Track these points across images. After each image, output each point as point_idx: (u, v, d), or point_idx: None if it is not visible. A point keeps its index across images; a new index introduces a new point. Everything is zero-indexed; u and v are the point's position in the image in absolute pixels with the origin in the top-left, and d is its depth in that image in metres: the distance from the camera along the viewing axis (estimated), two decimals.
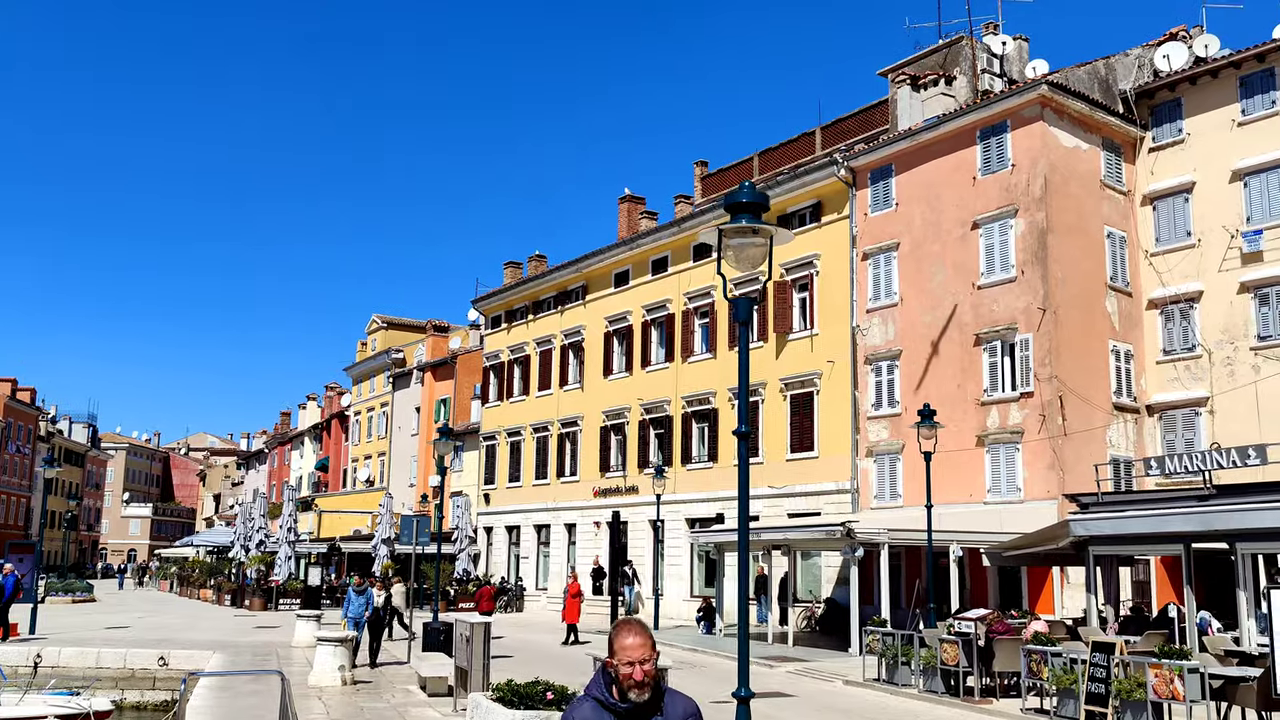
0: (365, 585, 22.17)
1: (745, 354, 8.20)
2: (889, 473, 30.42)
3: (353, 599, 21.63)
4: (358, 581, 22.55)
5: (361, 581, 22.56)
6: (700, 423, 37.48)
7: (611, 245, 42.55)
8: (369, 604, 21.54)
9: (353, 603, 21.56)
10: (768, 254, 8.11)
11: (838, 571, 31.92)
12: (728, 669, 21.78)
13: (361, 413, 70.72)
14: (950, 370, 28.92)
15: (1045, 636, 14.11)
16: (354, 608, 21.53)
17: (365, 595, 21.60)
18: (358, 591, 21.74)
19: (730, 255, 8.12)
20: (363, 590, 21.78)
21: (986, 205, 28.51)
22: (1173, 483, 26.33)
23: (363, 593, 21.68)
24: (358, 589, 21.83)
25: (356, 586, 22.07)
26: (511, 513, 47.51)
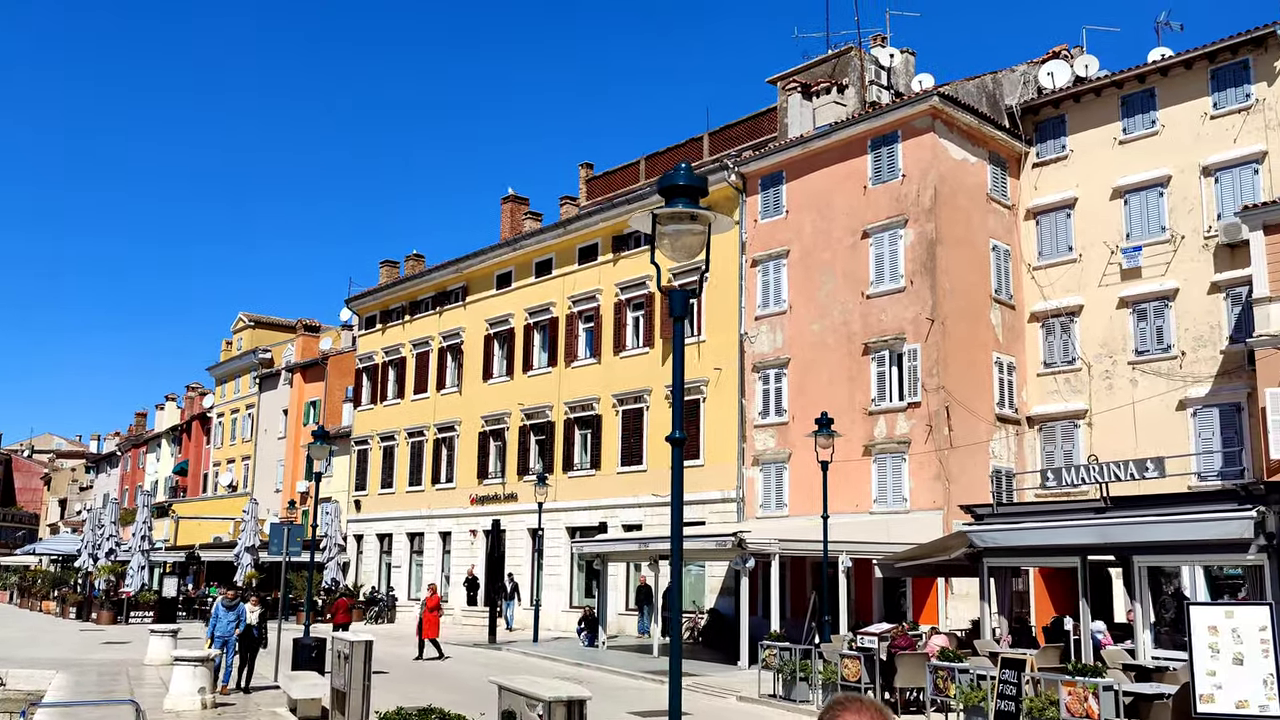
0: (237, 599, 19.67)
1: (680, 351, 7.44)
2: (775, 482, 30.13)
3: (221, 614, 19.11)
4: (229, 595, 19.81)
5: (234, 595, 19.86)
6: (583, 429, 36.68)
7: (494, 245, 41.46)
8: (240, 620, 19.18)
9: (221, 619, 19.08)
10: (706, 243, 7.35)
11: (721, 582, 31.51)
12: (615, 685, 21.03)
13: (225, 414, 67.74)
14: (838, 379, 28.79)
15: (951, 652, 13.76)
16: (222, 624, 19.07)
17: (237, 610, 19.20)
18: (227, 606, 19.23)
19: (665, 244, 7.33)
20: (234, 605, 19.32)
21: (877, 215, 28.50)
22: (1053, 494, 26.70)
23: (233, 607, 19.22)
24: (228, 603, 19.32)
25: (227, 600, 19.45)
26: (384, 520, 45.87)
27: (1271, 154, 25.20)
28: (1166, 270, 26.69)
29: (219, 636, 18.92)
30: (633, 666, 23.12)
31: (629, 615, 33.36)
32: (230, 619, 19.12)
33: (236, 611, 19.23)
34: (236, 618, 19.15)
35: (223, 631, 19.00)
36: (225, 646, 18.95)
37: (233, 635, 18.96)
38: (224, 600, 19.58)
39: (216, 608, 19.37)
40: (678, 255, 7.42)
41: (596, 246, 37.23)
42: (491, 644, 29.77)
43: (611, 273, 36.37)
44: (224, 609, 19.25)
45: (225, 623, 19.11)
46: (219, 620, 19.12)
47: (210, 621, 19.43)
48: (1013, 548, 17.05)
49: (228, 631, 19.01)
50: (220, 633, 18.97)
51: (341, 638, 14.89)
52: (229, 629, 19.04)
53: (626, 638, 31.88)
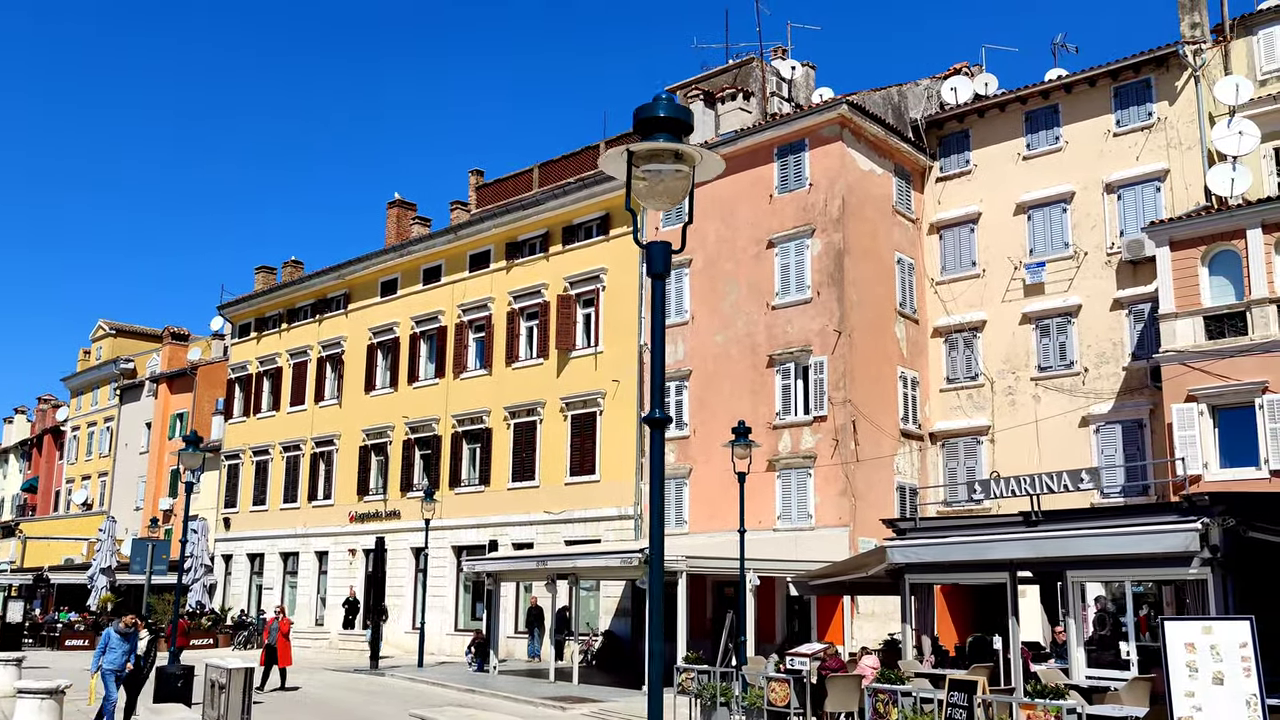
0: (134, 626, 16.87)
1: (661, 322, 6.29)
2: (674, 498, 29.10)
3: (113, 643, 16.35)
4: (128, 621, 16.83)
5: (132, 621, 16.97)
6: (472, 443, 35.11)
7: (379, 251, 39.62)
8: (132, 651, 16.60)
9: (114, 649, 16.36)
10: (690, 188, 6.23)
11: (617, 603, 30.31)
12: (514, 711, 19.62)
13: (81, 428, 63.73)
14: (742, 392, 27.97)
15: (893, 674, 12.86)
16: (115, 655, 16.35)
17: (131, 640, 16.55)
18: (122, 634, 16.47)
19: (642, 188, 6.21)
20: (131, 632, 16.61)
21: (783, 224, 27.85)
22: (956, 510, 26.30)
23: (130, 635, 16.54)
24: (124, 630, 16.53)
25: (123, 627, 16.61)
26: (255, 539, 43.31)
27: (1173, 172, 25.38)
28: (1069, 286, 26.65)
29: (109, 669, 16.23)
30: (529, 692, 21.72)
31: (518, 638, 31.87)
32: (125, 649, 16.47)
33: (132, 641, 16.61)
34: (130, 647, 16.55)
35: (114, 664, 16.31)
36: (118, 681, 16.41)
37: (124, 669, 16.42)
38: (119, 626, 16.72)
39: (107, 635, 16.53)
40: (657, 202, 6.31)
41: (489, 253, 35.81)
42: (374, 669, 27.93)
43: (504, 281, 34.98)
44: (118, 637, 16.46)
45: (119, 654, 16.40)
46: (111, 649, 16.37)
47: (98, 651, 16.59)
48: (936, 563, 16.31)
49: (119, 664, 16.35)
50: (111, 665, 16.29)
51: (217, 665, 13.20)
52: (121, 661, 16.38)
53: (515, 661, 30.39)
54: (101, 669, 16.29)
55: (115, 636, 16.44)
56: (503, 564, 26.68)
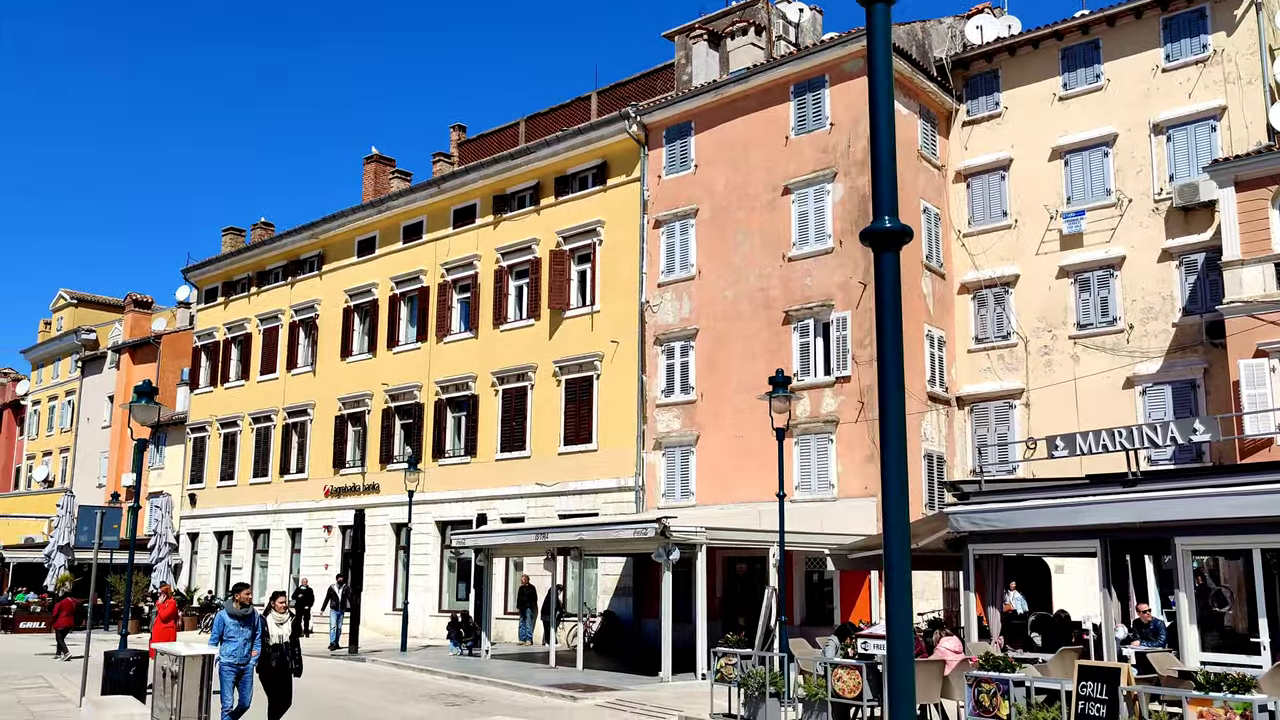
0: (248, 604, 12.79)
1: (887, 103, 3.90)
2: (680, 467, 26.86)
3: (229, 629, 12.35)
4: (243, 597, 12.75)
5: (246, 596, 12.88)
6: (456, 411, 32.70)
7: (355, 207, 37.02)
8: (257, 636, 12.49)
9: (232, 637, 12.31)
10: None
11: (617, 581, 28.07)
12: (516, 703, 17.35)
13: (41, 402, 60.80)
14: (755, 352, 25.72)
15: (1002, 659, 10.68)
16: (233, 646, 12.29)
17: (252, 623, 12.55)
18: (237, 616, 12.45)
19: None
20: (247, 613, 12.56)
21: (801, 168, 25.56)
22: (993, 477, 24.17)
23: (248, 617, 12.52)
24: (239, 610, 12.51)
25: (239, 606, 12.59)
26: (223, 516, 40.74)
27: (1231, 109, 23.23)
28: (1112, 237, 24.50)
29: (227, 664, 12.25)
30: (529, 679, 19.44)
31: (508, 620, 29.58)
32: (245, 636, 12.36)
33: (254, 623, 12.52)
34: (254, 632, 12.47)
35: (234, 656, 12.27)
36: (239, 680, 12.27)
37: (250, 663, 12.40)
38: (233, 606, 12.60)
39: (220, 620, 12.48)
40: None
41: (474, 208, 33.33)
42: (353, 654, 25.59)
43: (491, 236, 32.52)
44: (234, 621, 12.39)
45: (239, 643, 12.30)
46: (230, 640, 12.32)
47: (211, 641, 12.47)
48: (1009, 531, 14.12)
49: (241, 656, 12.31)
50: (231, 658, 12.24)
51: (171, 651, 10.84)
52: (243, 652, 12.32)
53: (505, 645, 28.13)
54: (220, 663, 12.33)
55: (230, 621, 12.36)
56: (497, 538, 24.37)
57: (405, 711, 16.31)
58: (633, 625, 27.37)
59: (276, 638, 12.47)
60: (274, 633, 12.55)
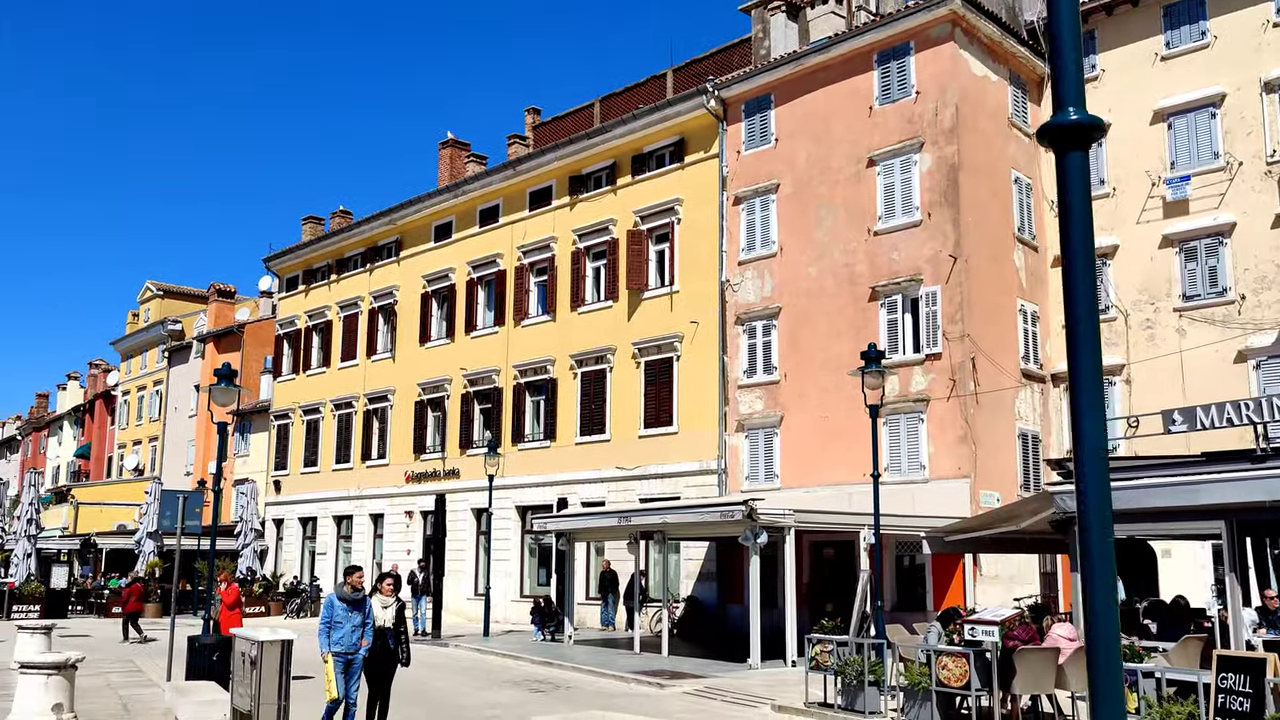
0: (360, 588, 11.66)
1: None
2: (763, 449, 26.21)
3: (339, 613, 11.27)
4: (354, 580, 11.63)
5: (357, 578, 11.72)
6: (535, 395, 32.41)
7: (431, 193, 36.90)
8: (369, 625, 11.45)
9: (341, 623, 11.24)
10: None
11: (700, 565, 27.54)
12: (601, 689, 16.93)
13: (131, 392, 62.14)
14: (840, 330, 24.94)
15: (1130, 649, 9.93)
16: (342, 633, 11.22)
17: (364, 609, 11.48)
18: (348, 600, 11.37)
19: None
20: (359, 598, 11.49)
21: (886, 139, 24.67)
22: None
23: (360, 602, 11.44)
24: (350, 595, 11.43)
25: (350, 590, 11.50)
26: (306, 502, 41.08)
27: None
28: (1220, 203, 23.23)
29: (339, 653, 11.21)
30: (614, 666, 19.01)
31: (589, 605, 29.22)
32: (355, 622, 11.33)
33: (364, 609, 11.47)
34: (366, 619, 11.45)
35: (345, 644, 11.23)
36: (347, 671, 11.26)
37: (360, 652, 11.39)
38: (344, 589, 11.53)
39: (329, 604, 11.39)
40: None
41: (550, 189, 32.94)
42: (436, 639, 25.46)
43: (568, 218, 32.11)
44: (343, 605, 11.31)
45: (348, 629, 11.26)
46: (338, 626, 11.23)
47: (321, 626, 11.35)
48: (1123, 511, 13.22)
49: (352, 644, 11.28)
50: (342, 646, 11.21)
51: (248, 636, 10.56)
52: (353, 640, 11.28)
53: (587, 630, 27.76)
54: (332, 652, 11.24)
55: (339, 606, 11.28)
56: (578, 522, 23.98)
57: (490, 698, 15.98)
58: (716, 611, 26.84)
59: (380, 623, 11.63)
60: (379, 618, 11.66)
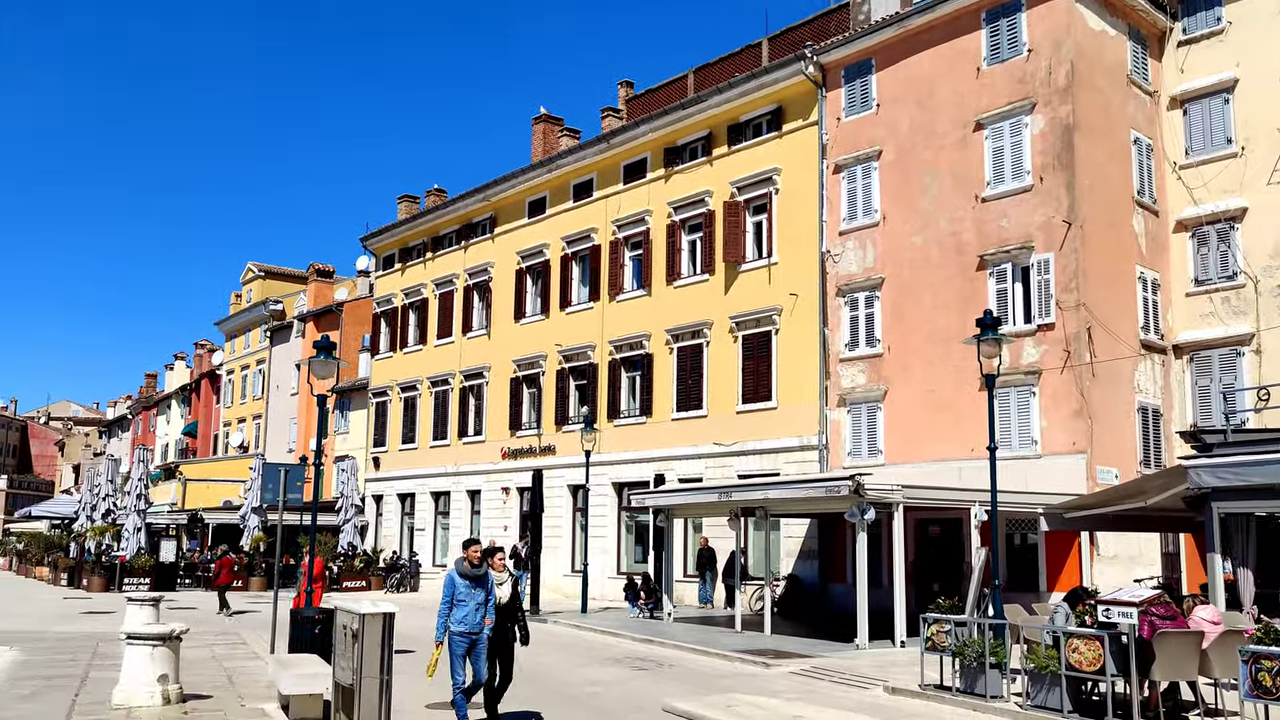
0: (482, 561, 10.74)
1: None
2: (866, 425, 25.49)
3: (460, 590, 10.49)
4: (474, 554, 10.66)
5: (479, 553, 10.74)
6: (631, 371, 32.07)
7: (525, 168, 36.71)
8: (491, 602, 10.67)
9: (464, 600, 10.47)
10: None
11: (800, 543, 26.97)
12: (705, 667, 16.54)
13: (235, 371, 63.59)
14: (946, 300, 24.07)
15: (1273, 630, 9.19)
16: (464, 611, 10.46)
17: (486, 584, 10.66)
18: (469, 575, 10.53)
19: None
20: (480, 571, 10.61)
21: (994, 100, 23.65)
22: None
23: (481, 578, 10.61)
24: (471, 570, 10.56)
25: (470, 565, 10.58)
26: (405, 478, 41.48)
27: None
28: None
29: (460, 633, 10.44)
30: (716, 644, 18.60)
31: (687, 582, 28.85)
32: (479, 600, 10.51)
33: (486, 585, 10.63)
34: (485, 597, 10.58)
35: (467, 623, 10.44)
36: (470, 650, 10.49)
37: (484, 631, 10.52)
38: (464, 565, 10.58)
39: (450, 580, 10.56)
40: None
41: (645, 162, 32.47)
42: (534, 615, 25.34)
43: (663, 191, 31.62)
44: (464, 581, 10.50)
45: (471, 607, 10.47)
46: (461, 603, 10.46)
47: (442, 604, 10.54)
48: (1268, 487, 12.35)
49: (475, 624, 10.46)
50: (464, 624, 10.43)
51: (350, 609, 10.36)
52: (476, 619, 10.47)
53: (685, 608, 27.38)
54: (450, 633, 10.47)
55: (460, 582, 10.47)
56: (677, 498, 23.57)
57: (591, 675, 15.70)
58: (818, 589, 26.27)
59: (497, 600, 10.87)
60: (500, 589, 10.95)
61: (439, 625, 10.52)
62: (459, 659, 10.50)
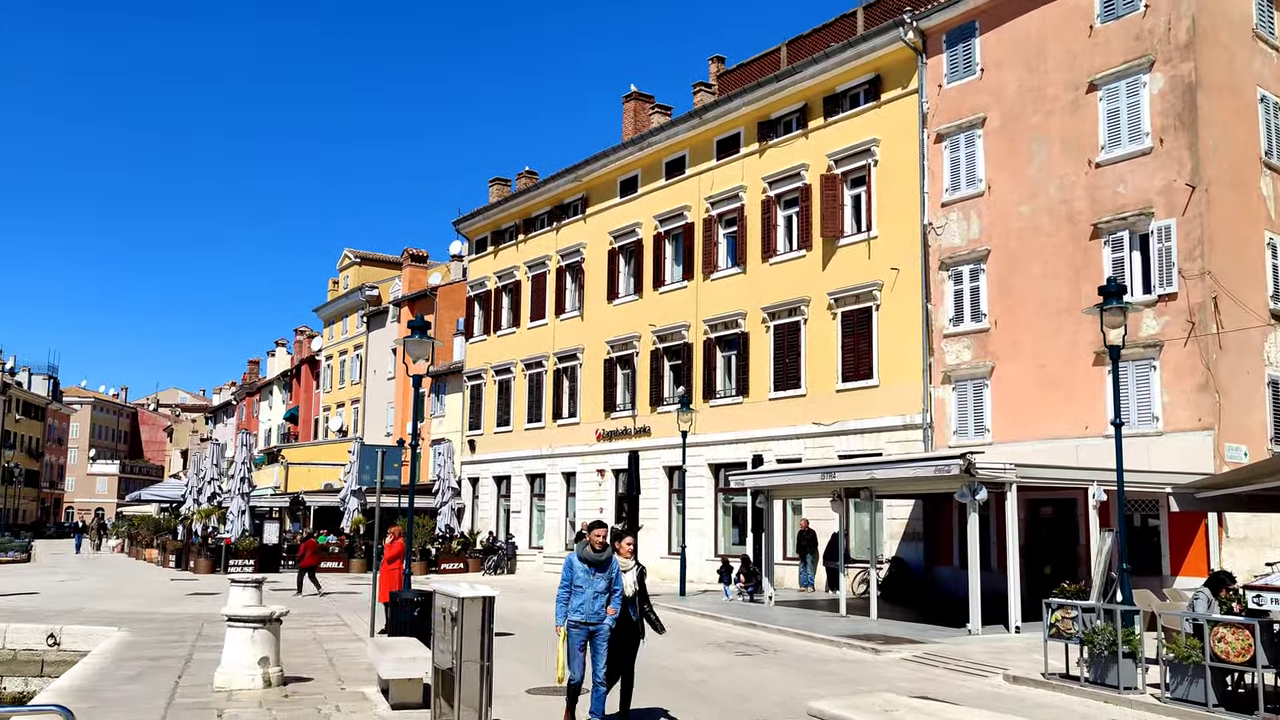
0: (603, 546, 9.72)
1: None
2: (972, 402, 24.57)
3: (579, 575, 9.61)
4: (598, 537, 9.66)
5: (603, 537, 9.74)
6: (726, 350, 31.50)
7: (616, 147, 36.30)
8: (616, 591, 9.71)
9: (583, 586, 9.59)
10: None
11: (905, 525, 26.18)
12: (811, 653, 15.99)
13: (333, 356, 64.59)
14: (1057, 272, 23.01)
15: None
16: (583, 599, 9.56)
17: (610, 571, 9.70)
18: (590, 561, 9.62)
19: None
20: (604, 557, 9.68)
21: (1109, 60, 22.47)
22: None
23: (605, 563, 9.67)
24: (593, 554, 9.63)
25: (593, 549, 9.64)
26: (500, 461, 41.55)
27: None
28: None
29: (578, 622, 9.57)
30: (821, 629, 18.03)
31: (787, 565, 28.25)
32: (599, 587, 9.60)
33: (608, 572, 9.68)
34: (608, 585, 9.66)
35: (587, 613, 9.56)
36: (589, 641, 9.61)
37: (606, 622, 9.62)
38: (586, 549, 9.71)
39: (569, 565, 9.71)
40: None
41: (738, 137, 31.80)
42: None
43: (757, 165, 30.92)
44: (584, 566, 9.62)
45: (589, 594, 9.57)
46: (579, 590, 9.60)
47: (560, 591, 9.72)
48: None
49: (596, 613, 9.57)
50: (583, 614, 9.55)
51: (447, 591, 10.05)
52: (597, 609, 9.57)
53: (785, 591, 26.80)
54: (569, 623, 9.58)
55: (580, 567, 9.61)
56: (779, 478, 23.00)
57: (694, 659, 15.28)
58: (923, 572, 25.49)
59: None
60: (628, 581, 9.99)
61: (558, 611, 9.72)
62: (576, 651, 9.61)
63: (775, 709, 11.57)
